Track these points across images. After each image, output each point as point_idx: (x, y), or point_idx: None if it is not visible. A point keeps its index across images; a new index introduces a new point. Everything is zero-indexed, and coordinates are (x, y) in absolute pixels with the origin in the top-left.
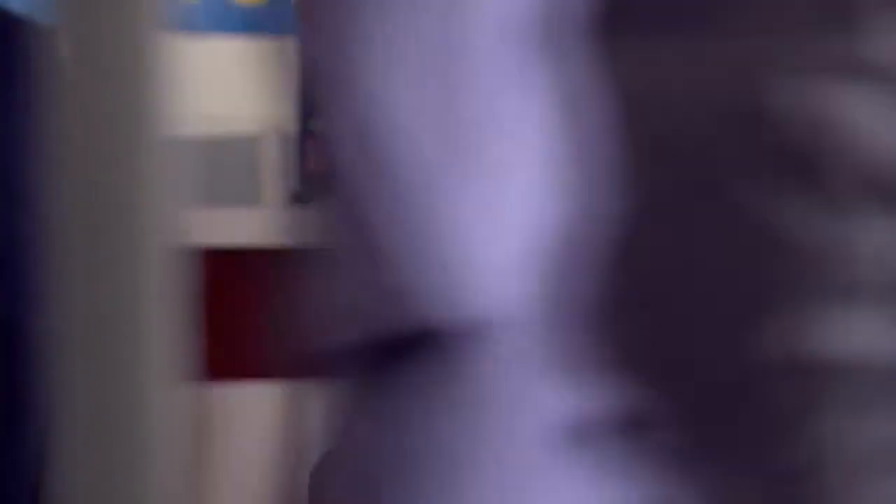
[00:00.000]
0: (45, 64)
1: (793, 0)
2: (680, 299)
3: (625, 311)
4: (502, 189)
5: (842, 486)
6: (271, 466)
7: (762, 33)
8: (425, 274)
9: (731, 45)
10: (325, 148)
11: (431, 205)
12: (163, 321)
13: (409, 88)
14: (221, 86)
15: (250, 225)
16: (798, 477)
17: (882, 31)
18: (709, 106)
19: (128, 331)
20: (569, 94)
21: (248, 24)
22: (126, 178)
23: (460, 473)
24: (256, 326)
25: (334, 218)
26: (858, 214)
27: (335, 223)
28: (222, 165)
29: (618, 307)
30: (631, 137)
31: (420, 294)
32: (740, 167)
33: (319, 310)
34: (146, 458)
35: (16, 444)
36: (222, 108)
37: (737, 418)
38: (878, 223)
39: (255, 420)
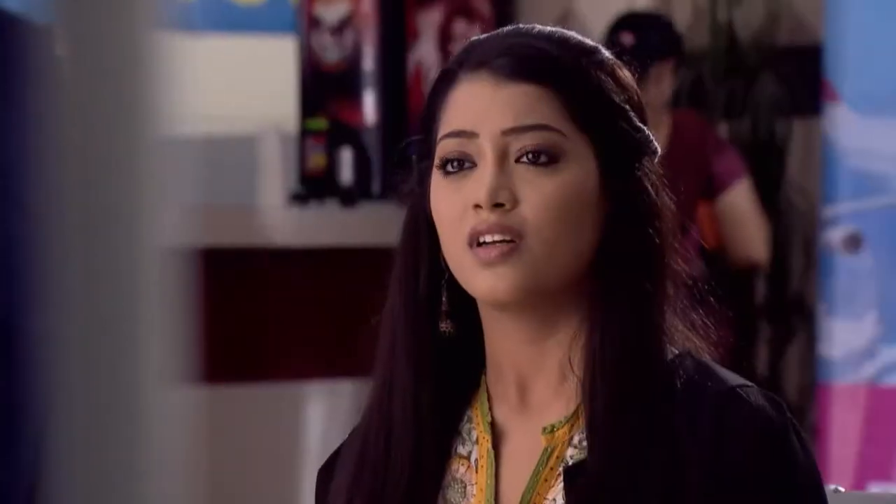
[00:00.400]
0: (42, 63)
1: None
2: None
3: None
4: None
5: None
6: (272, 467)
7: None
8: None
9: None
10: None
11: None
12: (162, 322)
13: None
14: (220, 85)
15: (249, 225)
16: None
17: None
18: None
19: (126, 331)
20: None
21: (247, 23)
22: (124, 178)
23: None
24: (255, 327)
25: None
26: None
27: None
28: (221, 165)
29: None
30: None
31: None
32: None
33: None
34: (145, 460)
35: (13, 445)
36: (221, 107)
37: None
38: None
39: (254, 421)
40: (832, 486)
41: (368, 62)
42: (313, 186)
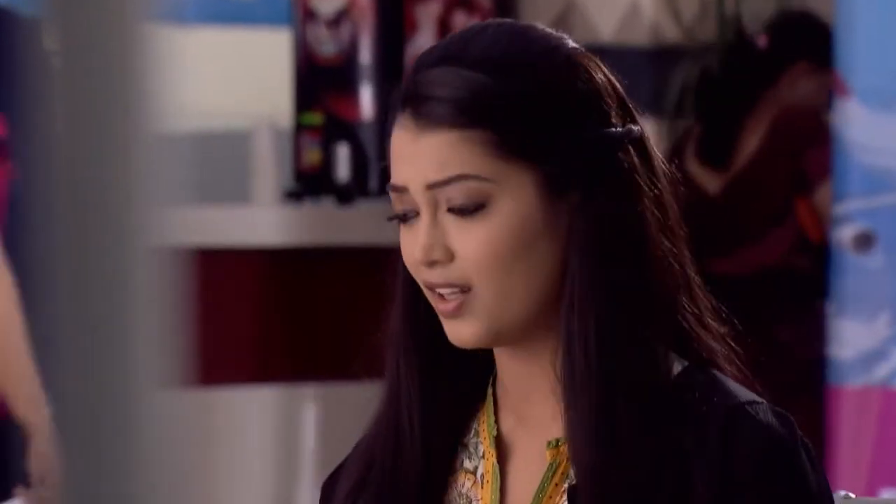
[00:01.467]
0: (31, 57)
1: None
2: None
3: None
4: None
5: None
6: (270, 470)
7: None
8: None
9: None
10: None
11: None
12: (154, 322)
13: None
14: (214, 79)
15: (243, 223)
16: None
17: None
18: None
19: (119, 331)
20: None
21: (241, 15)
22: (116, 175)
23: None
24: (249, 327)
25: None
26: None
27: None
28: (215, 162)
29: None
30: None
31: None
32: None
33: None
34: (139, 462)
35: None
36: (215, 102)
37: None
38: None
39: (250, 423)
40: (842, 493)
41: (365, 55)
42: (308, 183)
